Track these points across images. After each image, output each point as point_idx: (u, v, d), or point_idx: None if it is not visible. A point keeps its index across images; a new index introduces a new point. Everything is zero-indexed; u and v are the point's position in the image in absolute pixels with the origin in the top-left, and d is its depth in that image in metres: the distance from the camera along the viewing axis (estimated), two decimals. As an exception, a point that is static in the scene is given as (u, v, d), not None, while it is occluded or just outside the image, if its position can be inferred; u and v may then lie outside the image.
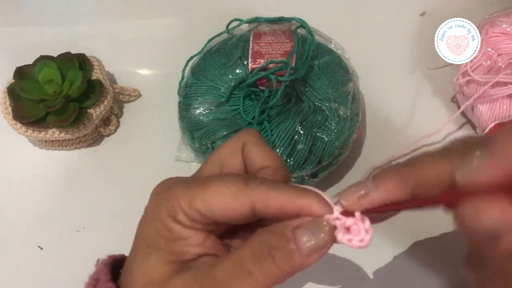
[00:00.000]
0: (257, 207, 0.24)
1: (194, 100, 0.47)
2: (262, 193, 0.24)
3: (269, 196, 0.24)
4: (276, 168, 0.27)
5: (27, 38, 0.59)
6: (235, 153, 0.28)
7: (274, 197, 0.24)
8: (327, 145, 0.44)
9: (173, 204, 0.25)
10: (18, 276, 0.46)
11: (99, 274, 0.27)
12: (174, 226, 0.25)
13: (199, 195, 0.24)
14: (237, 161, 0.28)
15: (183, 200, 0.25)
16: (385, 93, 0.52)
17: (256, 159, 0.27)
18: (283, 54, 0.46)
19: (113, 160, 0.52)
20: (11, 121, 0.49)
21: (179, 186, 0.25)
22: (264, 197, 0.24)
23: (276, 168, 0.27)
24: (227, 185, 0.24)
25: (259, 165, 0.27)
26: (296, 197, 0.24)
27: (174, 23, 0.59)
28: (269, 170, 0.27)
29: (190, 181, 0.26)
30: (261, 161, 0.27)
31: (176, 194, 0.25)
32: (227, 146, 0.28)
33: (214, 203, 0.24)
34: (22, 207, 0.49)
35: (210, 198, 0.24)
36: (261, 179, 0.25)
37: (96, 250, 0.46)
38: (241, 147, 0.28)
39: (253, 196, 0.24)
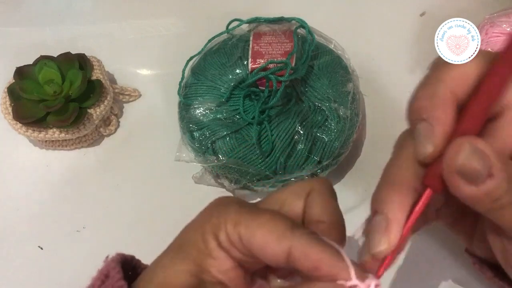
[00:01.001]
0: (294, 255, 0.23)
1: (194, 100, 0.47)
2: (303, 243, 0.23)
3: (307, 249, 0.23)
4: (330, 226, 0.26)
5: (27, 38, 0.59)
6: (298, 197, 0.27)
7: (312, 251, 0.23)
8: (327, 145, 0.44)
9: (220, 221, 0.25)
10: (18, 276, 0.46)
11: (110, 271, 0.26)
12: (211, 242, 0.25)
13: (245, 220, 0.24)
14: (298, 206, 0.27)
15: (230, 220, 0.24)
16: (385, 93, 0.52)
17: (315, 209, 0.26)
18: (283, 54, 0.46)
19: (113, 160, 0.52)
20: (11, 121, 0.49)
21: (233, 206, 0.25)
22: (304, 248, 0.23)
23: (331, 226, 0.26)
24: (275, 222, 0.24)
25: (316, 217, 0.26)
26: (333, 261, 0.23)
27: (174, 23, 0.59)
28: (324, 225, 0.26)
29: (244, 205, 0.25)
30: (319, 214, 0.26)
31: (227, 212, 0.25)
32: (293, 187, 0.27)
33: (257, 234, 0.24)
34: (22, 207, 0.49)
35: (254, 229, 0.24)
36: (309, 231, 0.24)
37: (96, 250, 0.46)
38: (307, 193, 0.27)
39: (294, 243, 0.23)
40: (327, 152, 0.44)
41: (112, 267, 0.26)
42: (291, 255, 0.23)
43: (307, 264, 0.23)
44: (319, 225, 0.26)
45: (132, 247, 0.28)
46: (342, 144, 0.45)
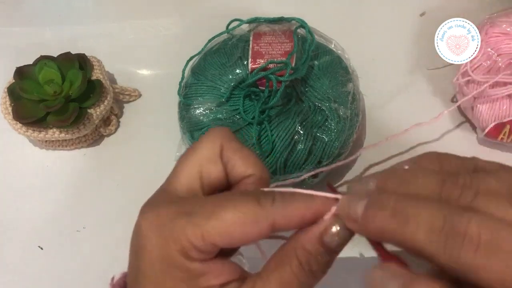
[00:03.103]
0: (277, 224, 0.23)
1: (194, 100, 0.47)
2: (280, 211, 0.23)
3: (288, 212, 0.23)
4: (260, 177, 0.26)
5: (27, 38, 0.59)
6: (214, 162, 0.26)
7: (292, 211, 0.24)
8: (327, 145, 0.44)
9: (183, 244, 0.23)
10: (18, 276, 0.46)
11: None
12: (191, 266, 0.23)
13: (212, 227, 0.23)
14: (218, 171, 0.26)
15: (194, 236, 0.23)
16: (385, 93, 0.52)
17: (238, 167, 0.26)
18: (283, 54, 0.46)
19: (113, 160, 0.52)
20: (11, 121, 0.49)
21: (182, 220, 0.23)
22: (284, 215, 0.23)
23: (260, 176, 0.26)
24: (242, 212, 0.23)
25: (242, 174, 0.26)
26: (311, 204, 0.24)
27: (174, 23, 0.59)
28: (252, 178, 0.26)
29: (191, 212, 0.23)
30: (244, 170, 0.26)
31: (183, 231, 0.23)
32: (202, 152, 0.26)
33: (233, 233, 0.23)
34: (22, 207, 0.49)
35: (226, 229, 0.23)
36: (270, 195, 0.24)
37: (96, 250, 0.46)
38: (219, 153, 0.26)
39: (272, 216, 0.23)
40: (327, 152, 0.44)
41: None
42: (274, 227, 0.23)
43: (292, 223, 0.24)
44: (248, 180, 0.26)
45: (132, 247, 0.28)
46: (342, 144, 0.45)
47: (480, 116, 0.47)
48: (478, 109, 0.47)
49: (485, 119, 0.46)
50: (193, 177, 0.26)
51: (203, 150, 0.26)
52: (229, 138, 0.27)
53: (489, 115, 0.46)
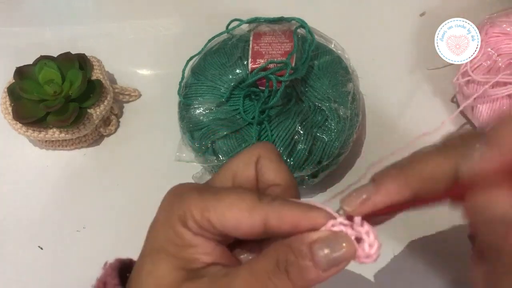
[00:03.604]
0: (270, 223, 0.24)
1: (194, 100, 0.47)
2: (275, 209, 0.24)
3: (283, 212, 0.24)
4: (286, 188, 0.27)
5: (27, 38, 0.59)
6: (248, 165, 0.27)
7: (287, 213, 0.24)
8: (327, 145, 0.44)
9: (184, 211, 0.25)
10: (18, 276, 0.46)
11: (107, 278, 0.26)
12: (184, 233, 0.25)
13: (212, 206, 0.24)
14: (250, 174, 0.27)
15: (195, 208, 0.24)
16: (385, 93, 0.52)
17: (268, 175, 0.27)
18: (283, 54, 0.46)
19: (113, 160, 0.52)
20: (11, 121, 0.49)
21: (193, 193, 0.25)
22: (278, 213, 0.24)
23: (287, 187, 0.27)
24: (242, 199, 0.24)
25: (270, 182, 0.27)
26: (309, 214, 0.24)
27: (174, 23, 0.59)
28: (279, 188, 0.27)
29: (204, 190, 0.25)
30: (273, 178, 0.27)
31: (189, 201, 0.25)
32: (241, 157, 0.28)
33: (227, 216, 0.24)
34: (22, 207, 0.49)
35: (223, 211, 0.24)
36: (273, 196, 0.25)
37: (96, 250, 0.46)
38: (255, 160, 0.27)
39: (267, 212, 0.24)
40: (327, 152, 0.44)
41: (109, 274, 0.27)
42: (267, 224, 0.24)
43: (285, 226, 0.24)
44: (274, 189, 0.27)
45: (132, 247, 0.28)
46: (342, 144, 0.45)
47: (480, 116, 0.47)
48: (478, 109, 0.47)
49: (485, 119, 0.46)
50: (227, 177, 0.28)
51: (242, 156, 0.28)
52: (269, 149, 0.28)
53: (489, 115, 0.46)
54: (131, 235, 0.27)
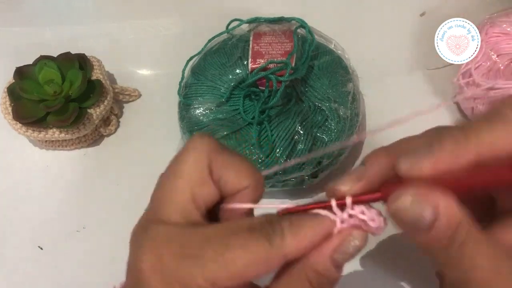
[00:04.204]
0: (289, 256, 0.23)
1: (194, 100, 0.47)
2: (290, 245, 0.22)
3: (299, 244, 0.23)
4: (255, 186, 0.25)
5: (27, 38, 0.59)
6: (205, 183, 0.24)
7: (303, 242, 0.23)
8: (327, 145, 0.44)
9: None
10: (18, 276, 0.46)
11: None
12: None
13: (224, 274, 0.22)
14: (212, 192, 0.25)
15: (203, 282, 0.22)
16: (385, 93, 0.52)
17: (232, 181, 0.25)
18: (283, 54, 0.46)
19: (113, 160, 0.52)
20: (11, 121, 0.49)
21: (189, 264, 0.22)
22: (295, 248, 0.23)
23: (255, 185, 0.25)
24: (254, 253, 0.22)
25: (237, 187, 0.25)
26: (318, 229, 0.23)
27: (174, 23, 0.59)
28: (247, 190, 0.25)
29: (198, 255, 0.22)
30: (238, 182, 0.25)
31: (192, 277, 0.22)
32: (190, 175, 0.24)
33: (245, 274, 0.22)
34: (22, 207, 0.49)
35: (238, 273, 0.22)
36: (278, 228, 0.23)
37: (96, 250, 0.46)
38: (208, 172, 0.24)
39: (283, 252, 0.22)
40: (327, 152, 0.44)
41: None
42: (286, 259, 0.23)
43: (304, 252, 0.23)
44: (244, 193, 0.25)
45: (132, 247, 0.28)
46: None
47: (480, 116, 0.47)
48: (479, 109, 0.47)
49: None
50: (186, 202, 0.24)
51: (190, 171, 0.24)
52: (216, 150, 0.25)
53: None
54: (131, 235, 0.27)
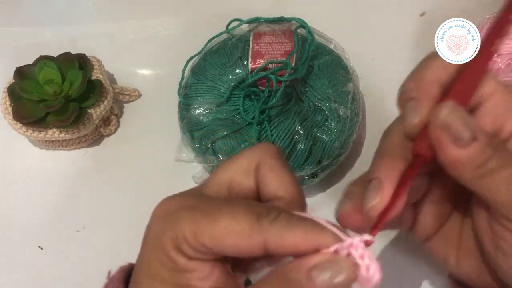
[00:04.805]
0: (269, 246, 0.22)
1: (194, 100, 0.47)
2: (275, 233, 0.22)
3: (282, 237, 0.22)
4: (290, 201, 0.25)
5: (27, 38, 0.59)
6: (246, 175, 0.25)
7: (287, 238, 0.22)
8: (327, 145, 0.44)
9: (177, 234, 0.23)
10: (18, 276, 0.46)
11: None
12: (178, 258, 0.23)
13: (206, 229, 0.22)
14: (248, 185, 0.25)
15: (188, 231, 0.22)
16: (385, 93, 0.52)
17: (270, 187, 0.25)
18: (283, 54, 0.46)
19: (113, 160, 0.52)
20: (11, 121, 0.49)
21: (185, 213, 0.23)
22: (277, 238, 0.22)
23: (291, 201, 0.25)
24: (238, 221, 0.22)
25: (272, 194, 0.25)
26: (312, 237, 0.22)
27: (174, 23, 0.59)
28: (282, 202, 0.25)
29: (195, 209, 0.23)
30: (275, 190, 0.25)
31: (181, 223, 0.23)
32: (238, 163, 0.25)
33: (223, 240, 0.22)
34: (22, 207, 0.49)
35: (218, 235, 0.22)
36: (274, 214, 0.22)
37: (96, 250, 0.46)
38: (254, 168, 0.25)
39: (266, 235, 0.22)
40: (327, 152, 0.44)
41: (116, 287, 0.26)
42: (267, 247, 0.22)
43: (285, 250, 0.22)
44: (277, 202, 0.25)
45: (132, 247, 0.28)
46: (342, 144, 0.45)
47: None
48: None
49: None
50: (222, 185, 0.25)
51: (240, 162, 0.26)
52: (271, 155, 0.25)
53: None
54: (131, 235, 0.27)
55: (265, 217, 0.22)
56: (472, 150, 0.23)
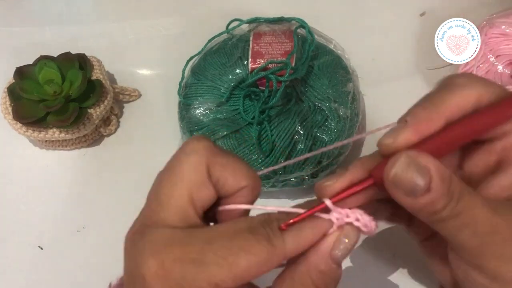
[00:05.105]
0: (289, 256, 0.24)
1: (194, 100, 0.47)
2: (291, 246, 0.23)
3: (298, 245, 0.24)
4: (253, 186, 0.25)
5: (27, 38, 0.59)
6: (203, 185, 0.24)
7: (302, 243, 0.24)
8: (327, 145, 0.44)
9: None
10: (18, 276, 0.46)
11: None
12: None
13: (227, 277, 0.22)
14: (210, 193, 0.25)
15: (206, 284, 0.22)
16: (385, 93, 0.52)
17: (230, 183, 0.25)
18: (283, 54, 0.46)
19: (113, 160, 0.52)
20: (11, 121, 0.49)
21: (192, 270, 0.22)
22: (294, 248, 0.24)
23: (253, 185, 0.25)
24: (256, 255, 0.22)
25: (235, 188, 0.25)
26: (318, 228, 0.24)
27: (174, 23, 0.59)
28: (245, 191, 0.25)
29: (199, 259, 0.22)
30: (236, 184, 0.25)
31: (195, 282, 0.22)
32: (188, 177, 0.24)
33: (248, 276, 0.22)
34: (22, 207, 0.49)
35: (241, 275, 0.22)
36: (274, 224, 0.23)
37: (96, 250, 0.46)
38: (207, 173, 0.24)
39: (284, 253, 0.23)
40: (327, 152, 0.44)
41: None
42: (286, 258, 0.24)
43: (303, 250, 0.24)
44: (241, 194, 0.25)
45: (132, 247, 0.28)
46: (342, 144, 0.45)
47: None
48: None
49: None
50: (185, 205, 0.24)
51: (190, 174, 0.24)
52: (213, 152, 0.25)
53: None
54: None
55: (273, 237, 0.23)
56: (424, 200, 0.24)
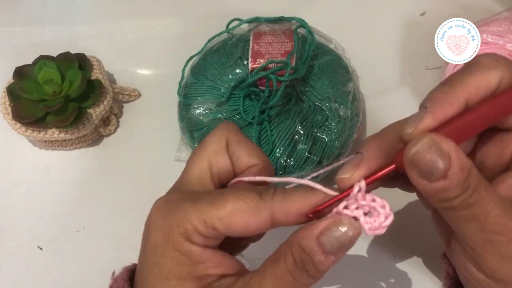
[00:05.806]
0: (277, 218, 0.24)
1: (194, 100, 0.47)
2: (279, 204, 0.24)
3: (286, 205, 0.24)
4: (264, 166, 0.28)
5: (27, 38, 0.59)
6: (221, 154, 0.28)
7: (291, 205, 0.24)
8: (327, 145, 0.44)
9: (185, 226, 0.24)
10: (18, 276, 0.46)
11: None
12: (192, 249, 0.24)
13: (215, 214, 0.24)
14: (225, 163, 0.28)
15: (196, 220, 0.24)
16: (385, 93, 0.52)
17: (243, 158, 0.28)
18: (283, 54, 0.46)
19: (113, 160, 0.52)
20: (10, 121, 0.49)
21: (187, 205, 0.25)
22: (282, 207, 0.24)
23: (264, 165, 0.28)
24: (244, 201, 0.24)
25: (247, 164, 0.28)
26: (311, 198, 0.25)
27: (174, 23, 0.59)
28: (257, 168, 0.28)
29: (196, 200, 0.25)
30: (248, 160, 0.28)
31: (187, 215, 0.24)
32: (210, 146, 0.28)
33: (234, 221, 0.24)
34: (21, 207, 0.49)
35: (228, 217, 0.24)
36: (271, 190, 0.25)
37: (96, 250, 0.46)
38: (225, 146, 0.28)
39: (272, 209, 0.24)
40: (327, 152, 0.44)
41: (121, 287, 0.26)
42: (274, 219, 0.24)
43: (291, 218, 0.25)
44: (253, 169, 0.28)
45: (132, 247, 0.28)
46: (342, 144, 0.45)
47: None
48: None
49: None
50: (204, 169, 0.27)
51: (211, 145, 0.28)
52: (235, 131, 0.28)
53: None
54: (131, 235, 0.27)
55: (265, 192, 0.25)
56: (439, 186, 0.23)
